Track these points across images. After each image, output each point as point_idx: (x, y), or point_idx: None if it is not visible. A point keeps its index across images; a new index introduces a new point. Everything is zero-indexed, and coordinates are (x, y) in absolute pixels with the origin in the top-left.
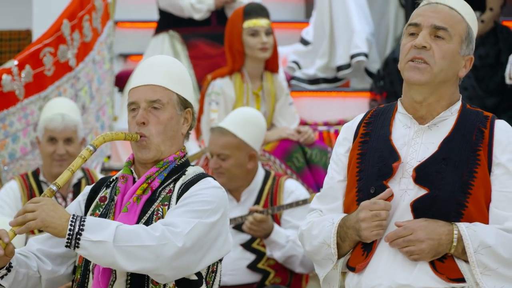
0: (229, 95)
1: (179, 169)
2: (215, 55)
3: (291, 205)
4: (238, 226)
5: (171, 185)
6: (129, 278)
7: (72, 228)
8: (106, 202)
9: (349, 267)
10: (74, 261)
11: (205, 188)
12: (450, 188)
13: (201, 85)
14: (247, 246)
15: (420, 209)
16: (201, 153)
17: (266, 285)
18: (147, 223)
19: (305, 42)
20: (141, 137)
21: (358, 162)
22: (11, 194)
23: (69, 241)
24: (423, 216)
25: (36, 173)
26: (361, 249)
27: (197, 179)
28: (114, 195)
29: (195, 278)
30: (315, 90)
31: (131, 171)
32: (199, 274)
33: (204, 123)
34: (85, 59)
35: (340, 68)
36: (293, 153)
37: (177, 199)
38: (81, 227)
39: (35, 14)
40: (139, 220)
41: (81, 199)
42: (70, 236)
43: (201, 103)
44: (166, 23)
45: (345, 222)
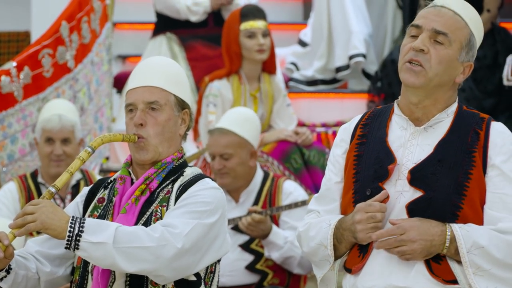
0: (227, 97)
1: (177, 170)
2: (213, 57)
3: (289, 206)
4: (237, 227)
5: (170, 186)
6: (128, 279)
7: (72, 229)
8: (104, 204)
9: (345, 269)
10: (73, 262)
11: (204, 189)
12: (445, 190)
13: (199, 86)
14: (245, 247)
15: (415, 211)
16: (198, 153)
17: (264, 286)
18: (145, 224)
19: (303, 44)
20: (139, 138)
21: (355, 164)
22: (9, 196)
23: (68, 242)
24: (419, 216)
25: (35, 174)
26: (357, 251)
27: (195, 180)
28: (112, 196)
29: (194, 278)
30: (313, 91)
31: (129, 172)
32: (197, 275)
33: (202, 125)
34: (84, 60)
35: (339, 69)
36: (291, 155)
37: (176, 200)
38: (80, 228)
39: (34, 15)
40: (137, 221)
41: (79, 200)
42: (70, 238)
43: (198, 105)
44: (163, 25)
45: (341, 224)
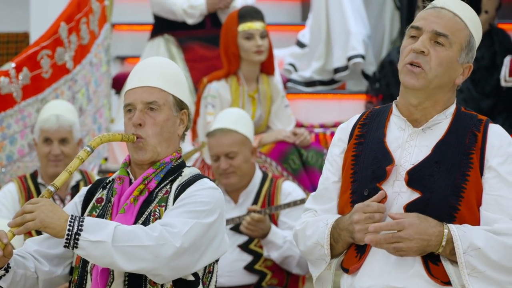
0: (225, 98)
1: (175, 170)
2: (210, 58)
3: (288, 205)
4: (235, 227)
5: (168, 186)
6: (126, 279)
7: (71, 228)
8: (102, 204)
9: (343, 269)
10: (71, 262)
11: (202, 189)
12: (442, 191)
13: (198, 87)
14: (244, 248)
15: (413, 212)
16: (193, 151)
17: (263, 286)
18: (144, 224)
19: (301, 45)
20: (137, 138)
21: (353, 164)
22: (9, 197)
23: (67, 241)
24: None
25: (35, 175)
26: (354, 251)
27: (193, 180)
28: (111, 196)
29: (192, 278)
30: (311, 92)
31: (128, 172)
32: (196, 275)
33: (200, 126)
34: (82, 61)
35: (337, 70)
36: (289, 155)
37: (174, 200)
38: (79, 227)
39: (33, 16)
40: (136, 221)
41: (77, 200)
42: (69, 237)
43: (197, 106)
44: (161, 27)
45: (339, 224)
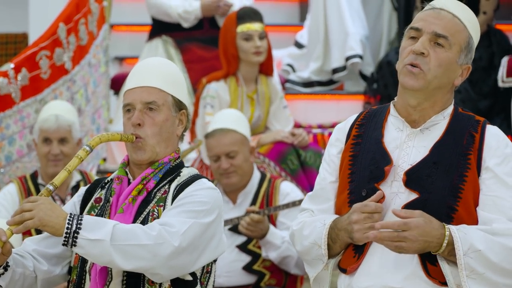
0: (224, 99)
1: (174, 170)
2: (208, 59)
3: (287, 205)
4: (234, 227)
5: (166, 186)
6: (125, 278)
7: (70, 226)
8: (101, 203)
9: (340, 269)
10: (70, 262)
11: (200, 189)
12: (440, 192)
13: (196, 88)
14: (242, 248)
15: None
16: (189, 149)
17: (261, 286)
18: (142, 224)
19: (299, 45)
20: (136, 138)
21: (350, 164)
22: (9, 198)
23: (66, 239)
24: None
25: (35, 175)
26: (352, 251)
27: (192, 180)
28: (109, 196)
29: (190, 278)
30: (309, 93)
31: (126, 172)
32: (193, 275)
33: (198, 126)
34: (81, 62)
35: (335, 71)
36: (287, 156)
37: (172, 200)
38: (78, 225)
39: (31, 17)
40: (134, 221)
41: (76, 200)
42: (68, 235)
43: (195, 106)
44: (159, 28)
45: (337, 224)
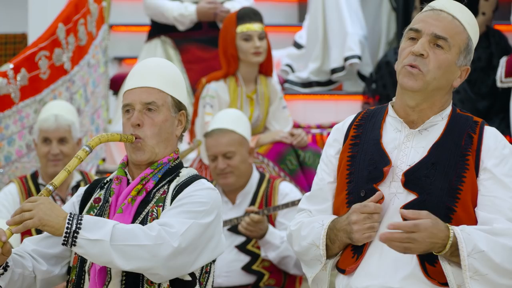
0: (224, 98)
1: (173, 171)
2: (207, 59)
3: (286, 205)
4: (233, 228)
5: (165, 187)
6: (124, 278)
7: (70, 226)
8: (100, 204)
9: (338, 269)
10: (69, 262)
11: (200, 189)
12: (438, 192)
13: (195, 88)
14: (242, 248)
15: None
16: (189, 150)
17: (261, 286)
18: (141, 224)
19: (298, 46)
20: (136, 138)
21: (349, 165)
22: (10, 198)
23: (66, 239)
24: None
25: (35, 175)
26: (351, 252)
27: (191, 180)
28: (108, 196)
29: (189, 278)
30: (308, 93)
31: (125, 172)
32: (193, 275)
33: (198, 125)
34: (80, 62)
35: (334, 71)
36: (286, 156)
37: (172, 200)
38: (78, 225)
39: (31, 18)
40: (133, 221)
41: (75, 200)
42: (67, 235)
43: (195, 105)
44: (158, 29)
45: (335, 225)
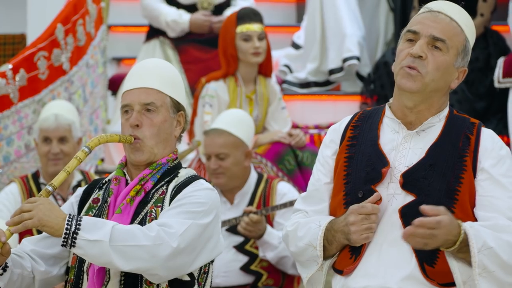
0: (223, 98)
1: (172, 171)
2: (206, 59)
3: (284, 205)
4: (231, 228)
5: (164, 187)
6: (123, 278)
7: (69, 227)
8: (99, 204)
9: (336, 270)
10: (67, 262)
11: (198, 189)
12: (437, 194)
13: (194, 89)
14: (240, 248)
15: (408, 214)
16: (188, 150)
17: (259, 286)
18: (140, 224)
19: (296, 46)
20: (135, 139)
21: (346, 166)
22: (11, 198)
23: (65, 240)
24: (412, 220)
25: (36, 175)
26: (348, 253)
27: (189, 181)
28: (107, 196)
29: (187, 279)
30: (306, 93)
31: (124, 173)
32: (191, 275)
33: (197, 125)
34: (79, 63)
35: (332, 72)
36: (284, 156)
37: (170, 200)
38: (77, 226)
39: (30, 18)
40: (132, 221)
41: (74, 200)
42: (67, 235)
43: (194, 105)
44: (156, 29)
45: (333, 226)
